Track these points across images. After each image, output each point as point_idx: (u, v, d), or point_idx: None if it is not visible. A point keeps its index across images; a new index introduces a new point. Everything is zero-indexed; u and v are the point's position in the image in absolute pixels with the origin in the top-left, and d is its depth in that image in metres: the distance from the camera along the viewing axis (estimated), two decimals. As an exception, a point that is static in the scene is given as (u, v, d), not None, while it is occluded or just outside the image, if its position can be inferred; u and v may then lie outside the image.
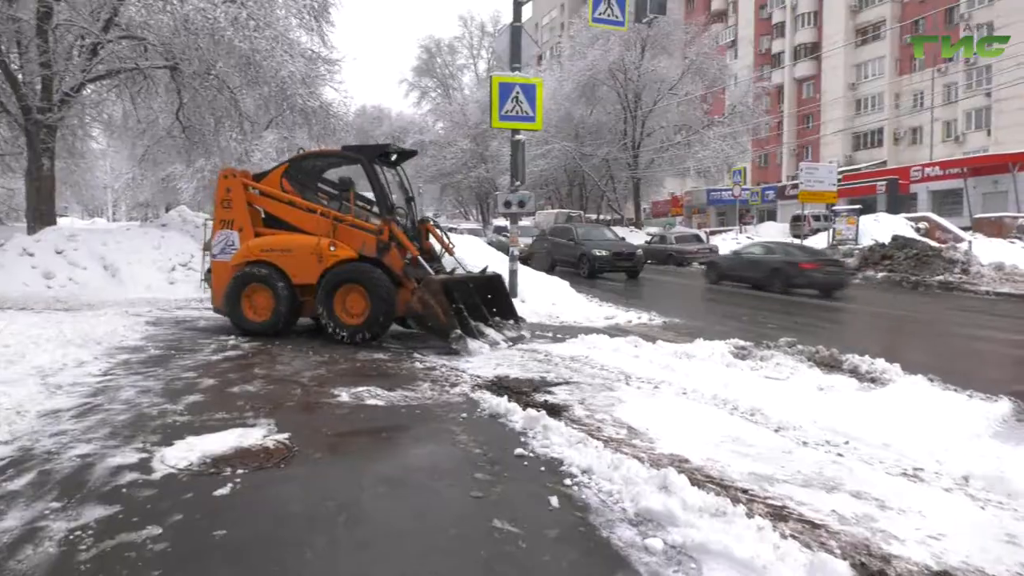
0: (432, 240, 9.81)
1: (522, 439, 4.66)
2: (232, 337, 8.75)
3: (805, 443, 4.81)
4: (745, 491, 3.86)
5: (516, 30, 12.61)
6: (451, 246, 9.74)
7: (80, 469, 4.04)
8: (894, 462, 4.43)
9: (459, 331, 7.91)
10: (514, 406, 5.27)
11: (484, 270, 9.65)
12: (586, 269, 19.95)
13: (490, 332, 8.62)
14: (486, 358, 7.63)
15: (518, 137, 12.82)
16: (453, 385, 6.32)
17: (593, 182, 40.35)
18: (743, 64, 51.32)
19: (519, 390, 6.11)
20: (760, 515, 3.41)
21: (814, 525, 3.43)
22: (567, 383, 6.44)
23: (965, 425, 5.21)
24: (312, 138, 22.04)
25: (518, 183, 12.70)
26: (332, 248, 8.66)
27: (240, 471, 4.03)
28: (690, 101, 36.16)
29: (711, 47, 38.61)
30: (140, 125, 20.51)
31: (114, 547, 3.10)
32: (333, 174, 10.38)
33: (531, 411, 5.07)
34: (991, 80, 39.65)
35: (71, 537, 3.18)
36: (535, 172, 36.82)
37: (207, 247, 14.69)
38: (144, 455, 4.28)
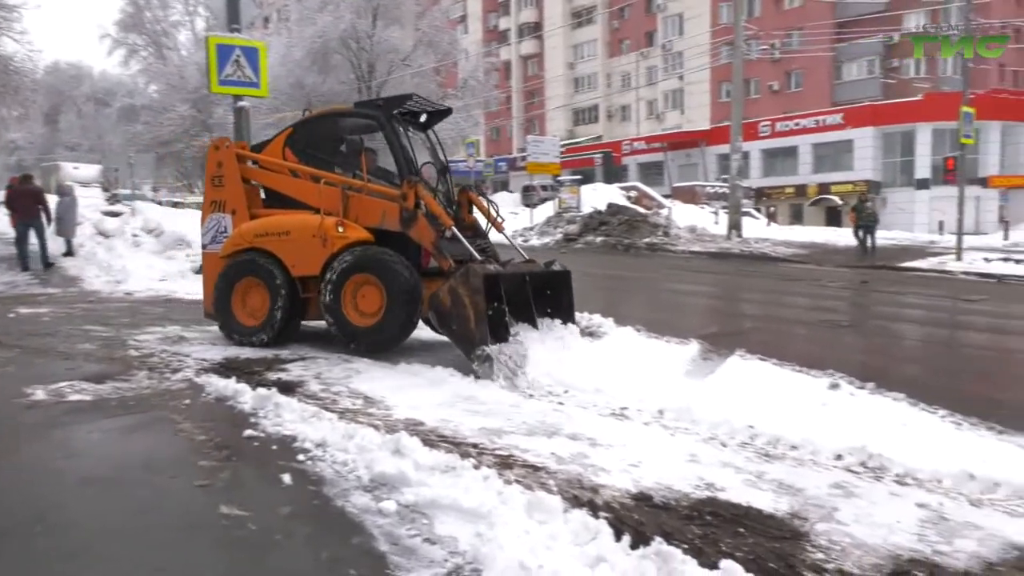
0: (477, 214, 7.75)
1: (252, 420, 4.45)
2: None
3: (531, 396, 5.21)
4: (475, 445, 4.08)
5: (233, -12, 11.72)
6: (500, 221, 7.70)
7: None
8: (605, 404, 4.96)
9: (487, 349, 5.79)
10: (243, 387, 5.00)
11: (551, 264, 7.51)
12: None
13: (531, 344, 6.25)
14: (213, 340, 7.11)
15: (241, 104, 11.95)
16: (175, 371, 5.82)
17: (329, 153, 39.25)
18: (473, 39, 52.91)
19: (250, 370, 5.82)
20: (487, 466, 3.63)
21: (535, 468, 3.74)
22: (303, 359, 6.27)
23: (663, 367, 6.00)
24: (-12, 98, 18.79)
25: (245, 153, 11.92)
26: (340, 229, 6.73)
27: (-102, 493, 3.38)
28: (424, 74, 36.42)
29: (442, 20, 39.11)
30: None
31: None
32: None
33: (262, 390, 4.86)
34: (683, 65, 45.22)
35: None
36: (266, 142, 34.84)
37: None
38: None
